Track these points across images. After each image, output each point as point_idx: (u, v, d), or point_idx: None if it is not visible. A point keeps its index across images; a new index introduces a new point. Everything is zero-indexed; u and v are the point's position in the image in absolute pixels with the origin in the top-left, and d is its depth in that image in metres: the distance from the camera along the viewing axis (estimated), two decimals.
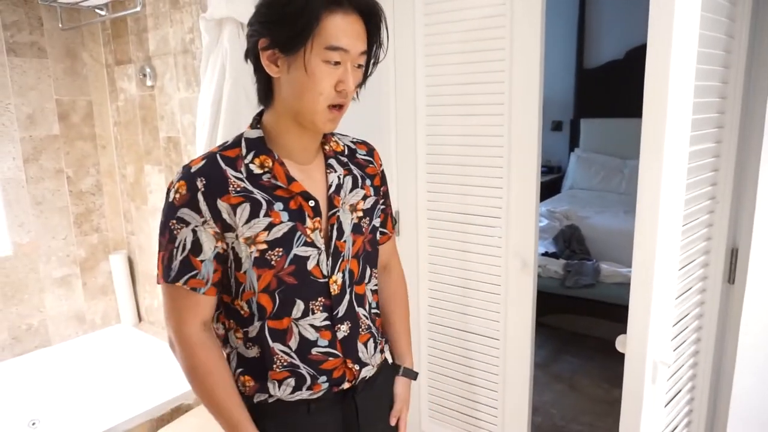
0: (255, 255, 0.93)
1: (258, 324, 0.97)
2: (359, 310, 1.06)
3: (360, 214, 1.05)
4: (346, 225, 1.01)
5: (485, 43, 1.56)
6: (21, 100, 2.28)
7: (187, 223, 0.91)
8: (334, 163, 1.03)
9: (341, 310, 1.01)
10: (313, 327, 0.99)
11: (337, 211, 1.00)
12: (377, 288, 1.20)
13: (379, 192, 1.11)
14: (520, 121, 1.55)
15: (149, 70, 2.23)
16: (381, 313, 1.21)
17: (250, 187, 0.93)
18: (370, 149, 1.13)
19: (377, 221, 1.11)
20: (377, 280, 1.17)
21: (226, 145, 0.97)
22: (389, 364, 1.18)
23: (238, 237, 0.92)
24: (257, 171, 0.94)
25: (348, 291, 1.03)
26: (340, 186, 1.02)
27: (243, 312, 0.98)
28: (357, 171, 1.07)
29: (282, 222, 0.94)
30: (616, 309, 2.79)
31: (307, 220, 0.96)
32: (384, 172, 1.15)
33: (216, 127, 1.79)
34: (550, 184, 4.62)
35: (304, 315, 0.98)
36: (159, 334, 2.51)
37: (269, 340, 0.97)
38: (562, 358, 3.01)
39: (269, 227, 0.93)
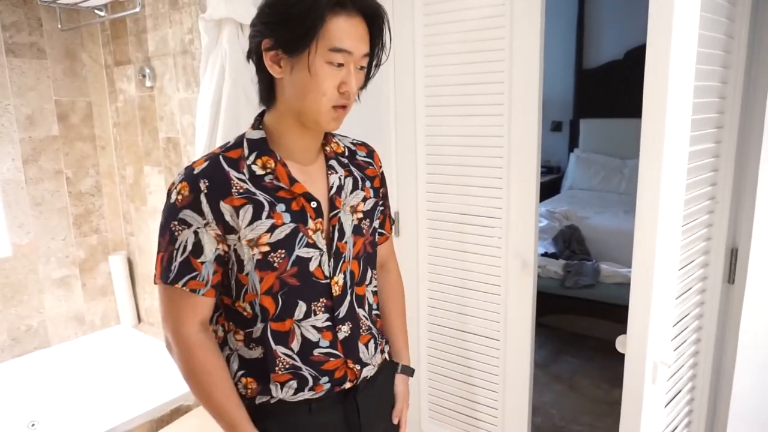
0: (257, 257, 0.93)
1: (261, 326, 0.97)
2: (360, 311, 1.06)
3: (360, 215, 1.05)
4: (347, 226, 1.01)
5: (485, 43, 1.56)
6: (20, 100, 2.27)
7: (188, 225, 0.91)
8: (335, 164, 1.03)
9: (342, 310, 1.02)
10: (315, 328, 0.99)
11: (338, 212, 1.00)
12: (377, 289, 1.20)
13: (379, 193, 1.12)
14: (520, 122, 1.55)
15: (148, 70, 2.23)
16: (379, 311, 1.21)
17: (252, 189, 0.93)
18: (370, 151, 1.14)
19: (377, 223, 1.11)
20: (377, 281, 1.18)
21: (228, 146, 0.97)
22: (389, 363, 1.18)
23: (240, 239, 0.92)
24: (259, 172, 0.94)
25: (349, 292, 1.03)
26: (341, 187, 1.02)
27: (246, 314, 0.97)
28: (357, 172, 1.07)
29: (284, 223, 0.94)
30: (615, 309, 2.79)
31: (309, 221, 0.96)
32: (383, 173, 1.15)
33: (215, 127, 1.79)
34: (549, 185, 4.62)
35: (306, 316, 0.98)
36: (158, 335, 2.51)
37: (272, 343, 0.97)
38: (562, 359, 3.01)
39: (272, 229, 0.93)
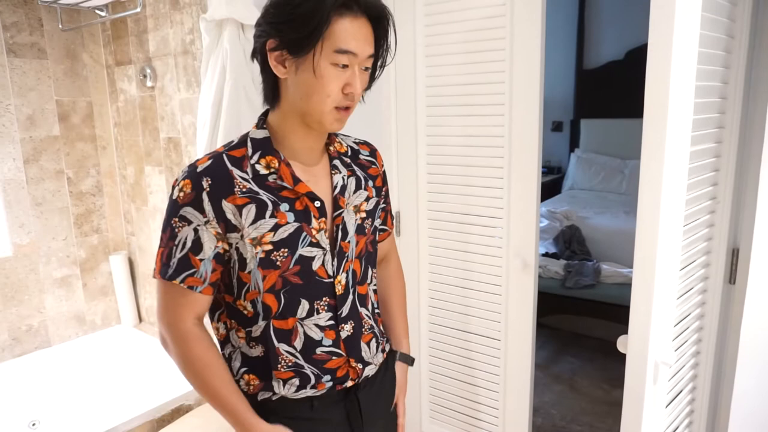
0: (260, 256, 0.93)
1: (263, 323, 0.97)
2: (362, 310, 1.06)
3: (363, 215, 1.05)
4: (350, 225, 1.02)
5: (486, 43, 1.56)
6: (21, 101, 2.28)
7: (189, 222, 0.91)
8: (338, 164, 1.03)
9: (345, 309, 1.02)
10: (318, 327, 0.99)
11: (342, 211, 1.00)
12: (378, 280, 1.21)
13: (381, 193, 1.12)
14: (521, 122, 1.55)
15: (149, 70, 2.23)
16: (379, 300, 1.21)
17: (255, 188, 0.93)
18: (372, 150, 1.14)
19: (378, 221, 1.12)
20: (378, 273, 1.18)
21: (232, 145, 0.97)
22: (390, 360, 1.17)
23: (243, 237, 0.92)
24: (263, 171, 0.94)
25: (351, 291, 1.03)
26: (345, 187, 1.02)
27: (246, 312, 0.98)
28: (360, 172, 1.07)
29: (288, 223, 0.94)
30: (616, 309, 2.79)
31: (313, 220, 0.96)
32: (385, 172, 1.16)
33: (216, 127, 1.79)
34: (550, 185, 4.62)
35: (309, 315, 0.98)
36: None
37: (274, 341, 0.98)
38: (563, 359, 3.00)
39: (275, 228, 0.93)
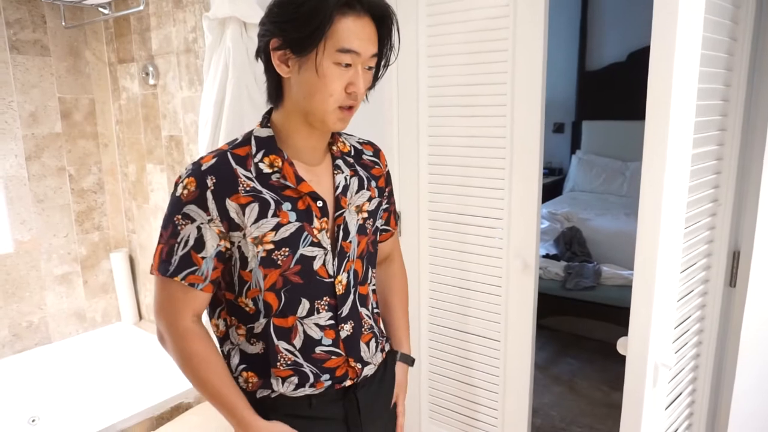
0: (262, 254, 0.93)
1: (263, 321, 0.98)
2: (362, 310, 1.06)
3: (365, 215, 1.05)
4: (352, 226, 1.02)
5: (488, 44, 1.56)
6: (24, 97, 2.28)
7: (192, 220, 0.91)
8: (341, 163, 1.03)
9: (345, 309, 1.02)
10: (317, 326, 0.99)
11: (343, 211, 1.00)
12: (380, 280, 1.22)
13: (384, 193, 1.12)
14: (523, 123, 1.55)
15: (152, 68, 2.24)
16: (380, 299, 1.22)
17: (259, 187, 0.93)
18: (376, 150, 1.14)
19: (380, 222, 1.12)
20: (380, 272, 1.18)
21: (236, 143, 0.97)
22: (390, 361, 1.17)
23: (245, 236, 0.92)
24: (266, 170, 0.94)
25: (352, 291, 1.03)
26: (347, 187, 1.02)
27: (248, 309, 0.98)
28: (363, 172, 1.07)
29: (290, 222, 0.94)
30: (616, 311, 2.79)
31: (315, 220, 0.96)
32: (389, 172, 1.16)
33: (218, 126, 1.79)
34: (551, 186, 4.62)
35: (309, 314, 0.99)
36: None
37: (274, 338, 0.98)
38: (562, 360, 3.00)
39: (277, 227, 0.93)
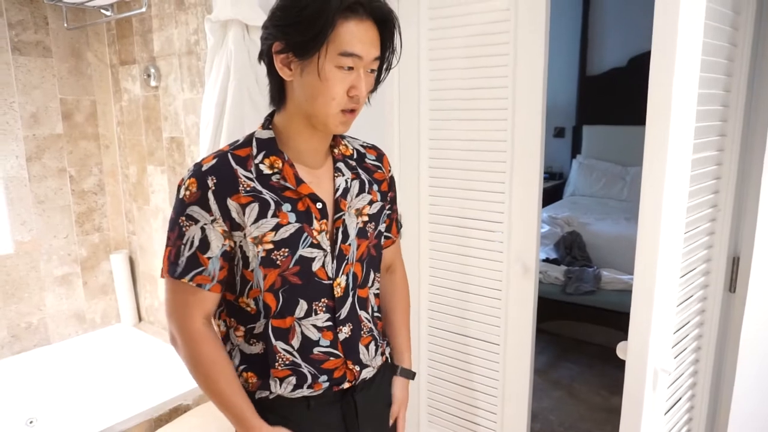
0: (261, 254, 0.94)
1: (263, 321, 0.98)
2: (361, 313, 1.06)
3: (365, 218, 1.05)
4: (351, 228, 1.02)
5: (489, 48, 1.57)
6: (25, 98, 2.28)
7: (196, 221, 0.92)
8: (342, 166, 1.04)
9: (343, 312, 1.02)
10: (315, 327, 1.00)
11: (342, 214, 1.01)
12: (381, 291, 1.21)
13: (387, 197, 1.12)
14: (523, 127, 1.55)
15: (153, 70, 2.24)
16: (382, 311, 1.21)
17: (259, 188, 0.94)
18: (379, 154, 1.14)
19: (383, 226, 1.12)
20: (382, 282, 1.18)
21: (237, 144, 0.98)
22: (389, 364, 1.18)
23: (246, 236, 0.93)
24: (267, 171, 0.95)
25: (351, 294, 1.04)
26: (347, 190, 1.03)
27: (249, 309, 0.99)
28: (365, 176, 1.07)
29: (289, 223, 0.95)
30: (616, 316, 2.79)
31: (314, 222, 0.97)
32: (393, 177, 1.16)
33: (220, 128, 1.79)
34: (551, 191, 4.62)
35: (307, 315, 0.99)
36: (159, 334, 2.51)
37: (272, 338, 0.98)
38: (562, 365, 3.00)
39: (276, 227, 0.94)
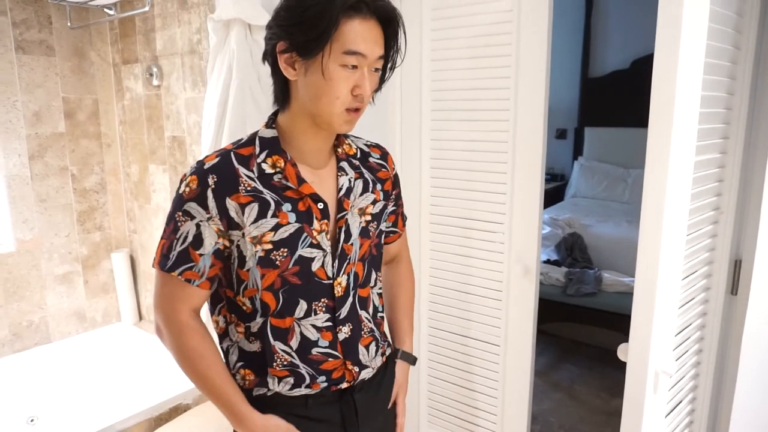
0: (260, 254, 0.94)
1: (260, 320, 0.98)
2: (362, 313, 1.06)
3: (368, 218, 1.05)
4: (354, 228, 1.02)
5: (492, 49, 1.57)
6: (28, 97, 2.29)
7: (192, 217, 0.93)
8: (345, 166, 1.04)
9: (343, 311, 1.02)
10: (314, 327, 1.00)
11: (345, 214, 1.01)
12: (388, 279, 1.23)
13: (390, 196, 1.12)
14: (525, 128, 1.55)
15: (156, 69, 2.24)
16: (386, 298, 1.22)
17: (260, 187, 0.94)
18: (383, 153, 1.14)
19: (384, 225, 1.12)
20: (381, 283, 1.18)
21: (240, 143, 0.98)
22: (390, 365, 1.17)
23: (244, 235, 0.93)
24: (269, 171, 0.95)
25: (352, 293, 1.03)
26: (351, 189, 1.03)
27: (245, 308, 0.99)
28: (368, 175, 1.07)
29: (289, 223, 0.95)
30: (617, 318, 2.78)
31: (315, 222, 0.97)
32: (397, 175, 1.16)
33: (221, 127, 1.79)
34: (553, 192, 4.61)
35: (307, 315, 0.99)
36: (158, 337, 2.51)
37: (270, 338, 0.98)
38: (562, 367, 3.00)
39: (276, 228, 0.94)
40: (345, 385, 1.03)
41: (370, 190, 1.06)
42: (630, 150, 4.29)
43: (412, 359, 1.20)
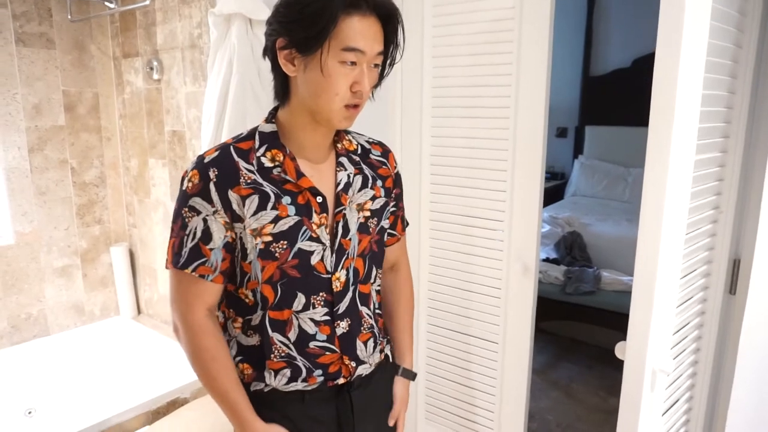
0: (260, 246, 0.94)
1: (260, 313, 0.99)
2: (362, 309, 1.06)
3: (367, 213, 1.05)
4: (352, 223, 1.02)
5: (493, 46, 1.57)
6: (28, 90, 2.28)
7: (198, 212, 0.93)
8: (345, 161, 1.04)
9: (342, 306, 1.02)
10: (312, 321, 1.00)
11: (343, 208, 1.01)
12: (385, 289, 1.22)
13: (391, 194, 1.12)
14: (526, 126, 1.55)
15: (156, 63, 2.24)
16: (385, 310, 1.21)
17: (260, 180, 0.95)
18: (385, 150, 1.14)
19: (386, 223, 1.11)
20: (386, 280, 1.18)
21: (240, 137, 0.99)
22: (389, 363, 1.17)
23: (245, 228, 0.94)
24: (268, 164, 0.96)
25: (351, 289, 1.04)
26: (349, 184, 1.03)
27: (248, 300, 1.00)
28: (368, 171, 1.07)
29: (289, 216, 0.95)
30: (615, 317, 2.78)
31: (314, 215, 0.97)
32: (399, 174, 1.15)
33: (221, 121, 1.79)
34: (553, 191, 4.61)
35: (305, 308, 0.99)
36: (158, 327, 2.51)
37: (269, 330, 0.99)
38: (560, 365, 3.00)
39: (276, 220, 0.94)
40: (341, 380, 1.03)
41: (370, 186, 1.06)
42: (631, 149, 4.28)
43: (413, 375, 1.21)
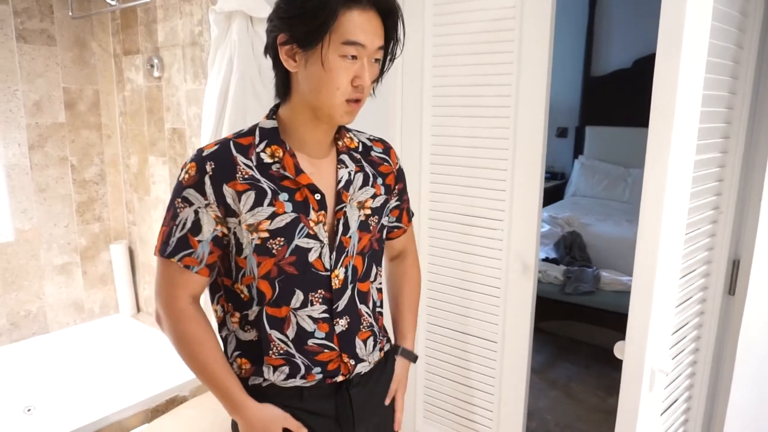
0: (256, 242, 0.95)
1: (257, 308, 0.99)
2: (361, 307, 1.06)
3: (368, 211, 1.05)
4: (352, 221, 1.02)
5: (494, 45, 1.57)
6: (29, 86, 2.28)
7: (190, 204, 0.94)
8: (345, 158, 1.04)
9: (341, 304, 1.02)
10: (311, 318, 1.00)
11: (344, 206, 1.01)
12: (393, 274, 1.23)
13: (392, 191, 1.12)
14: (526, 126, 1.55)
15: (157, 61, 2.24)
16: (390, 294, 1.23)
17: (257, 176, 0.95)
18: (386, 147, 1.14)
19: (386, 220, 1.12)
20: (381, 278, 1.18)
21: (241, 133, 1.00)
22: (389, 361, 1.17)
23: (240, 223, 0.94)
24: (267, 160, 0.96)
25: (350, 287, 1.03)
26: (350, 182, 1.03)
27: (243, 296, 1.00)
28: (369, 169, 1.07)
29: (285, 212, 0.95)
30: (615, 317, 2.79)
31: (312, 212, 0.97)
32: (401, 169, 1.16)
33: (222, 119, 1.79)
34: (552, 191, 4.61)
35: (303, 306, 0.99)
36: (157, 326, 2.51)
37: (267, 326, 0.99)
38: (559, 365, 3.00)
39: (272, 216, 0.94)
40: (340, 378, 1.03)
41: (370, 184, 1.06)
42: (631, 149, 4.28)
43: (413, 357, 1.20)
